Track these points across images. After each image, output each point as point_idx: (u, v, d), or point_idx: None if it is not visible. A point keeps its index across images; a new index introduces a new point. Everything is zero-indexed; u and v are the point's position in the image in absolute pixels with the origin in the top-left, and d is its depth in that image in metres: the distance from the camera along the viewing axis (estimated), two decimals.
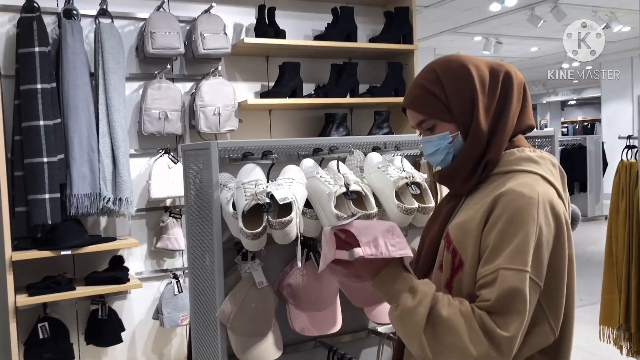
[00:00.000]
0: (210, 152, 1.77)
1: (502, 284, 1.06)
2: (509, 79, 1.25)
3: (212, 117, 3.43)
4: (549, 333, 1.13)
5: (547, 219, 1.11)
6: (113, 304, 3.37)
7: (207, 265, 1.87)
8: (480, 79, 1.24)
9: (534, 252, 1.08)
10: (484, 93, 1.23)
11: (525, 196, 1.11)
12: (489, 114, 1.23)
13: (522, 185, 1.13)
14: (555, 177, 1.20)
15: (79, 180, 3.06)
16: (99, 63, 3.20)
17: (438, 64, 1.28)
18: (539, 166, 1.19)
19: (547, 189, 1.15)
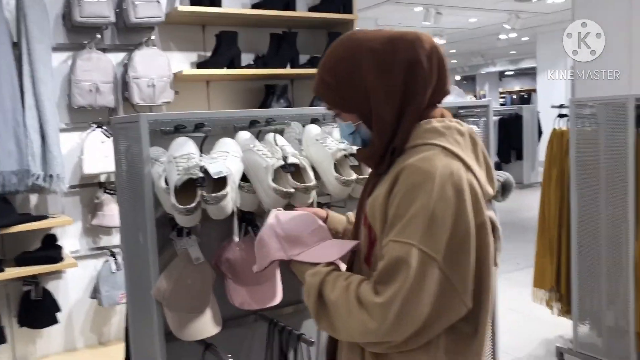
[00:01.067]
0: (140, 125, 1.70)
1: (388, 256, 1.09)
2: (414, 54, 1.17)
3: (146, 88, 3.31)
4: (459, 304, 1.11)
5: (444, 193, 1.08)
6: (47, 284, 3.25)
7: (141, 243, 1.81)
8: (376, 63, 1.17)
9: (427, 226, 1.07)
10: (382, 77, 1.16)
11: (422, 171, 1.10)
12: (391, 100, 1.17)
13: (421, 160, 1.12)
14: (462, 147, 1.16)
15: (5, 156, 2.90)
16: (21, 32, 3.01)
17: (333, 49, 1.23)
18: (443, 138, 1.15)
19: (448, 162, 1.12)
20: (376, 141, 1.20)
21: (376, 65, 1.17)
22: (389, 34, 1.20)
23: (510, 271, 5.14)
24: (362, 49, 1.18)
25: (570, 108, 3.16)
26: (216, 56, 3.59)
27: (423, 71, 1.17)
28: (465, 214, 1.09)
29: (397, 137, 1.18)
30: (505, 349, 3.19)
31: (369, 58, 1.17)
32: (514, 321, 3.98)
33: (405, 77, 1.16)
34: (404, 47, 1.17)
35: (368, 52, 1.17)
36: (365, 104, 1.19)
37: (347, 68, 1.19)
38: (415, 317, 1.07)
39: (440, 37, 11.67)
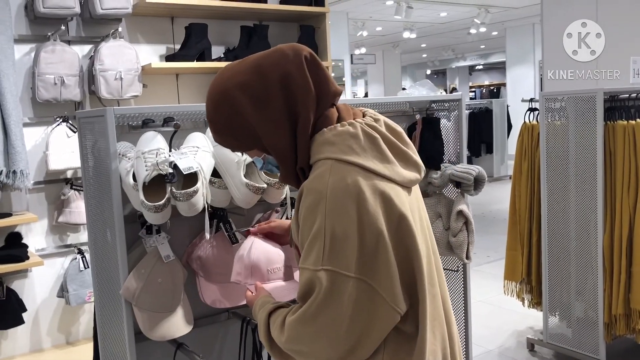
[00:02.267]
0: (107, 120, 1.65)
1: (301, 281, 1.11)
2: (283, 70, 1.12)
3: (113, 82, 3.22)
4: (390, 311, 1.08)
5: (339, 209, 1.05)
6: (12, 283, 3.15)
7: (109, 240, 1.76)
8: (249, 96, 1.13)
9: (330, 246, 1.05)
10: (261, 109, 1.13)
11: (315, 191, 1.08)
12: (280, 126, 1.13)
13: (314, 179, 1.10)
14: (358, 151, 1.10)
15: None
16: None
17: (208, 96, 1.20)
18: (334, 147, 1.11)
19: (342, 175, 1.08)
20: (282, 166, 1.19)
21: (252, 100, 1.14)
22: (253, 59, 1.17)
23: (481, 264, 5.20)
24: (232, 87, 1.15)
25: (540, 102, 3.19)
26: (185, 49, 3.52)
27: (297, 82, 1.13)
28: (371, 221, 1.06)
29: (298, 158, 1.16)
30: (477, 340, 3.21)
31: (243, 95, 1.14)
32: (486, 313, 4.02)
33: (283, 98, 1.13)
34: (271, 69, 1.13)
35: (240, 90, 1.14)
36: (258, 139, 1.17)
37: (225, 112, 1.16)
38: (337, 333, 1.06)
39: (411, 32, 11.71)
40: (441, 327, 1.22)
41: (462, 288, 2.52)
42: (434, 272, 1.22)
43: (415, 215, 1.16)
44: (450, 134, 2.51)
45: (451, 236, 2.32)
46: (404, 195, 1.14)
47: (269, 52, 1.16)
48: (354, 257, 1.05)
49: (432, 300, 1.18)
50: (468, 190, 2.32)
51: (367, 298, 1.07)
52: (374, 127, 1.15)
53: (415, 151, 1.21)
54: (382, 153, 1.13)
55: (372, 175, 1.09)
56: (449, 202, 2.36)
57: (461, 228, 2.30)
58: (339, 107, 1.19)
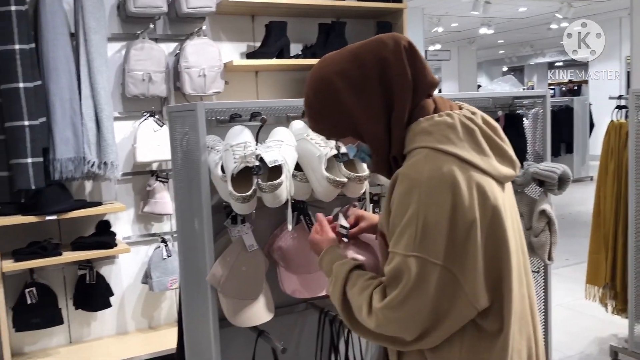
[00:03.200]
0: (197, 114, 1.72)
1: (390, 266, 1.11)
2: (381, 58, 1.14)
3: (197, 78, 3.35)
4: (467, 305, 1.09)
5: (433, 197, 1.06)
6: (101, 269, 3.35)
7: (197, 229, 1.84)
8: (349, 84, 1.16)
9: (422, 234, 1.06)
10: (360, 96, 1.15)
11: (409, 178, 1.09)
12: (376, 115, 1.16)
13: (409, 166, 1.12)
14: (454, 141, 1.11)
15: (62, 144, 2.99)
16: (79, 23, 3.09)
17: (307, 84, 1.23)
18: (431, 137, 1.12)
19: (438, 164, 1.08)
20: (375, 155, 1.21)
21: (351, 87, 1.16)
22: (352, 48, 1.20)
23: (559, 267, 5.02)
24: (332, 75, 1.17)
25: (630, 98, 3.04)
26: (265, 46, 3.61)
27: (395, 71, 1.14)
28: (464, 212, 1.06)
29: (392, 147, 1.17)
30: (556, 345, 3.11)
31: (342, 82, 1.16)
32: (565, 318, 3.88)
33: (380, 85, 1.15)
34: (369, 57, 1.15)
35: (338, 77, 1.17)
36: (354, 126, 1.19)
37: (325, 99, 1.19)
38: (417, 318, 1.08)
39: (489, 27, 11.42)
40: (527, 327, 1.20)
41: (542, 290, 2.45)
42: (522, 272, 1.20)
43: (507, 212, 1.14)
44: (532, 131, 2.44)
45: (533, 236, 2.26)
46: (498, 190, 1.13)
47: (368, 41, 1.19)
48: (443, 245, 1.06)
49: (520, 299, 1.17)
50: (552, 190, 2.25)
51: (449, 288, 1.07)
52: (471, 119, 1.15)
53: (511, 147, 1.20)
54: (479, 145, 1.13)
55: (468, 166, 1.09)
56: (531, 201, 2.31)
57: (543, 228, 2.24)
58: (435, 99, 1.20)
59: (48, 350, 3.27)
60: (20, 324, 3.03)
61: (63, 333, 3.32)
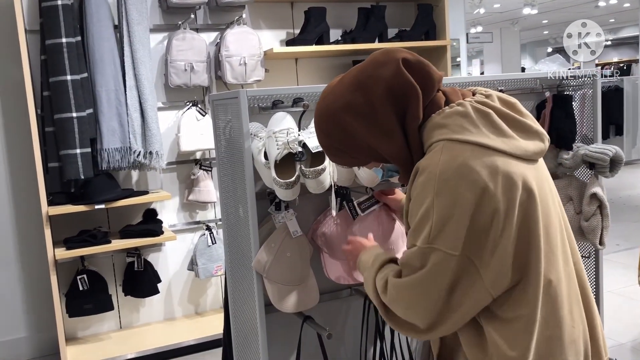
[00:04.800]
0: (240, 101, 1.73)
1: (406, 255, 1.14)
2: (388, 82, 1.13)
3: (238, 67, 3.37)
4: (484, 292, 1.08)
5: (451, 188, 1.04)
6: (148, 256, 3.43)
7: (241, 216, 1.86)
8: (359, 117, 1.15)
9: (439, 225, 1.05)
10: (371, 125, 1.15)
11: (426, 171, 1.09)
12: (391, 133, 1.14)
13: (427, 159, 1.11)
14: (470, 128, 1.09)
15: (109, 134, 3.06)
16: (122, 15, 3.14)
17: (318, 127, 1.24)
18: (446, 129, 1.10)
19: (454, 154, 1.06)
20: (400, 169, 1.21)
21: (361, 117, 1.15)
22: (351, 77, 1.18)
23: (610, 252, 4.87)
24: (339, 111, 1.17)
25: None
26: (305, 33, 3.59)
27: (401, 88, 1.13)
28: (484, 200, 1.04)
29: (414, 155, 1.17)
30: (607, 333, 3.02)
31: (349, 115, 1.16)
32: (617, 305, 3.76)
33: (390, 106, 1.13)
34: (372, 82, 1.14)
35: (345, 111, 1.16)
36: (374, 152, 1.19)
37: (337, 136, 1.20)
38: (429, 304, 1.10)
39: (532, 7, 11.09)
40: (579, 309, 1.16)
41: (593, 276, 2.38)
42: (567, 250, 1.16)
43: (544, 189, 1.12)
44: (580, 113, 2.36)
45: (583, 220, 2.19)
46: (529, 170, 1.09)
47: (364, 66, 1.18)
48: (462, 236, 1.05)
49: (567, 280, 1.13)
50: (603, 172, 2.18)
51: (466, 278, 1.07)
52: (484, 102, 1.13)
53: (535, 120, 1.17)
54: (498, 128, 1.10)
55: (490, 151, 1.07)
56: (581, 185, 2.24)
57: (594, 212, 2.17)
58: (445, 91, 1.18)
59: (100, 335, 3.37)
60: (73, 310, 3.13)
61: (113, 319, 3.42)
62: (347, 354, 2.08)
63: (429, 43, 3.85)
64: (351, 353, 2.07)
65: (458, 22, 9.50)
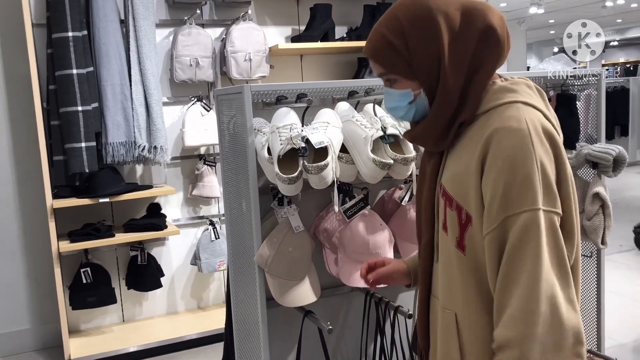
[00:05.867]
0: (244, 97, 1.74)
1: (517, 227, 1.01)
2: (488, 24, 1.10)
3: (243, 63, 3.38)
4: (569, 251, 1.07)
5: (544, 146, 1.03)
6: (152, 250, 3.44)
7: (244, 211, 1.87)
8: (450, 29, 1.09)
9: (545, 185, 1.01)
10: (455, 46, 1.09)
11: (515, 130, 1.03)
12: (460, 69, 1.10)
13: (508, 119, 1.05)
14: (536, 99, 1.11)
15: (114, 128, 3.08)
16: (128, 9, 3.15)
17: (403, 11, 1.12)
18: (517, 93, 1.10)
19: (533, 114, 1.07)
20: (437, 113, 1.12)
21: (452, 31, 1.10)
22: (460, 1, 1.13)
23: (612, 252, 4.86)
24: (439, 11, 1.10)
25: None
26: (310, 29, 3.60)
27: (497, 41, 1.11)
28: (565, 161, 1.06)
29: (466, 107, 1.11)
30: (609, 333, 3.02)
31: (446, 22, 1.10)
32: (618, 305, 3.76)
33: (477, 46, 1.10)
34: (477, 16, 1.11)
35: (444, 16, 1.10)
36: (434, 71, 1.11)
37: (422, 29, 1.10)
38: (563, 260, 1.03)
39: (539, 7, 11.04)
40: None
41: (595, 275, 2.39)
42: None
43: None
44: (584, 113, 2.36)
45: (585, 220, 2.20)
46: None
47: (474, 2, 1.14)
48: (557, 196, 1.03)
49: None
50: (606, 172, 2.18)
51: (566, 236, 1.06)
52: (529, 85, 1.15)
53: None
54: (549, 109, 1.14)
55: (550, 124, 1.09)
56: (584, 184, 2.24)
57: (597, 211, 2.17)
58: None
59: (102, 328, 3.40)
60: (77, 303, 3.15)
61: (116, 312, 3.44)
62: (348, 349, 2.09)
63: None
64: (352, 348, 2.08)
65: None
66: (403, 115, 1.18)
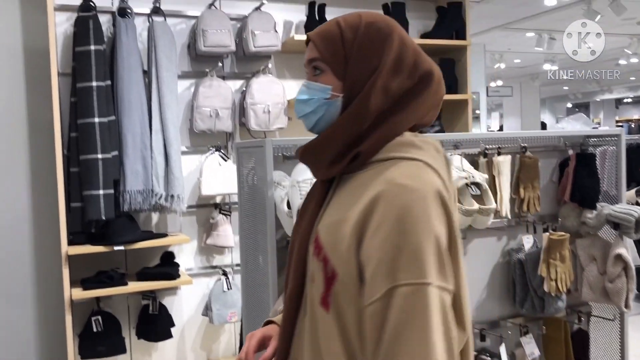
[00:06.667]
0: (265, 150, 1.75)
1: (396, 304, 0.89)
2: (431, 74, 1.05)
3: (262, 114, 3.42)
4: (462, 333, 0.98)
5: (441, 214, 0.93)
6: (164, 299, 3.41)
7: (261, 264, 1.85)
8: (398, 56, 1.02)
9: (436, 257, 0.90)
10: (393, 74, 1.01)
11: (412, 189, 0.92)
12: (387, 97, 1.01)
13: (406, 175, 0.94)
14: (440, 165, 1.01)
15: (132, 176, 3.10)
16: (152, 61, 3.23)
17: (368, 15, 1.07)
18: (423, 152, 1.00)
19: (434, 178, 0.96)
20: (343, 126, 1.02)
21: (399, 59, 1.03)
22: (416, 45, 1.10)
23: (636, 314, 4.73)
24: (399, 36, 1.04)
25: None
26: None
27: (433, 92, 1.06)
28: (457, 237, 0.98)
29: (369, 140, 1.01)
30: None
31: (398, 48, 1.03)
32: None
33: (413, 87, 1.03)
34: (427, 63, 1.06)
35: (399, 43, 1.04)
36: (363, 82, 1.02)
37: (375, 39, 1.03)
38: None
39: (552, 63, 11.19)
40: None
41: (618, 339, 2.32)
42: None
43: None
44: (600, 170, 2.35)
45: (607, 282, 2.15)
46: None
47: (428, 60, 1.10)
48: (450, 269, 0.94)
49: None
50: (628, 233, 2.15)
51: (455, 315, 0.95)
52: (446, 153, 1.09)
53: None
54: (450, 181, 1.05)
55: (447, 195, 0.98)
56: (604, 245, 2.20)
57: (619, 273, 2.13)
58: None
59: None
60: (86, 351, 3.11)
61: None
62: None
63: (451, 97, 3.88)
64: None
65: (478, 75, 9.63)
66: (310, 111, 1.06)
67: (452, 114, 3.94)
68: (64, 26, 3.21)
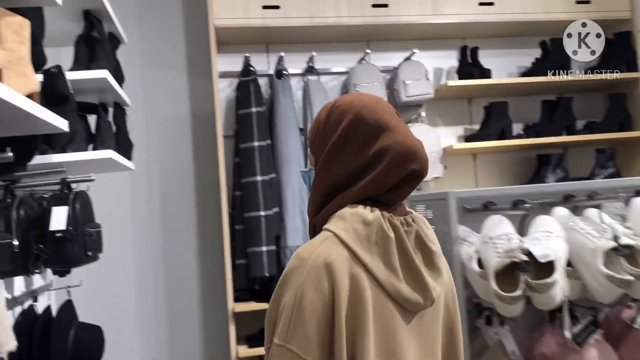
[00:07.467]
0: (448, 203, 1.63)
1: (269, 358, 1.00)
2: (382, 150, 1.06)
3: None
4: None
5: (318, 283, 0.97)
6: None
7: None
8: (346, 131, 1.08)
9: (294, 319, 0.97)
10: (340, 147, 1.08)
11: (298, 258, 1.02)
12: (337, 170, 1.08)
13: (307, 245, 1.05)
14: (361, 237, 1.01)
15: (292, 232, 3.12)
16: (307, 118, 3.28)
17: (343, 98, 1.16)
18: (342, 223, 1.03)
19: (332, 249, 1.00)
20: (309, 201, 1.15)
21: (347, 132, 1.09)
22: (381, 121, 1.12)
23: None
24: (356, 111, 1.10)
25: None
26: (486, 128, 3.47)
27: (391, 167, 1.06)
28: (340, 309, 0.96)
29: (321, 212, 1.10)
30: None
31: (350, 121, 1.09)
32: None
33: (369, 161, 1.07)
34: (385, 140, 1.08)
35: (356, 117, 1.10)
36: (321, 153, 1.12)
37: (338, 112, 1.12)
38: None
39: None
40: None
41: None
42: None
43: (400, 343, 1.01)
44: None
45: None
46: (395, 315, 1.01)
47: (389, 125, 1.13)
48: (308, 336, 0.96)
49: None
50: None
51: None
52: (396, 227, 1.04)
53: (438, 277, 1.07)
54: (389, 257, 1.01)
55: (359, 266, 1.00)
56: None
57: None
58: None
59: None
60: None
61: None
62: None
63: (624, 134, 3.52)
64: None
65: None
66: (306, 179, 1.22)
67: (629, 154, 3.56)
68: (226, 91, 3.37)
